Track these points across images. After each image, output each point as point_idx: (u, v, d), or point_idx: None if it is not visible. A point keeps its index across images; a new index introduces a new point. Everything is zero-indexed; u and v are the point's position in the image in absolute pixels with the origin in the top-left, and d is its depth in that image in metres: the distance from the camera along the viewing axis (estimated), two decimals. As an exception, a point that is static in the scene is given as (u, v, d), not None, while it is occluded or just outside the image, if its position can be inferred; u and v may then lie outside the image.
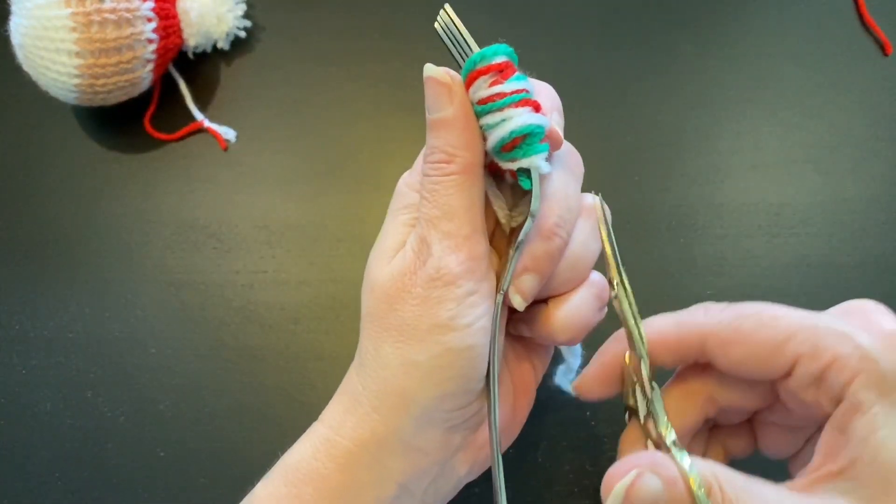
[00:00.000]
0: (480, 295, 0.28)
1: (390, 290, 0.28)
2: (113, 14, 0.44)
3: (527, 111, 0.26)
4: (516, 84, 0.27)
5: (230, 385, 0.43)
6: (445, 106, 0.28)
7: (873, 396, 0.23)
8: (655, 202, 0.46)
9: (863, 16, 0.50)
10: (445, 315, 0.27)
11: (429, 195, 0.28)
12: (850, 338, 0.23)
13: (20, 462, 0.43)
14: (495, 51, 0.27)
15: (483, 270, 0.28)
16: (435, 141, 0.28)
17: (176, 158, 0.50)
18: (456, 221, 0.27)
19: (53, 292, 0.47)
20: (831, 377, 0.23)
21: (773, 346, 0.25)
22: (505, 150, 0.27)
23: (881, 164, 0.47)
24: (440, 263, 0.27)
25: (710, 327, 0.26)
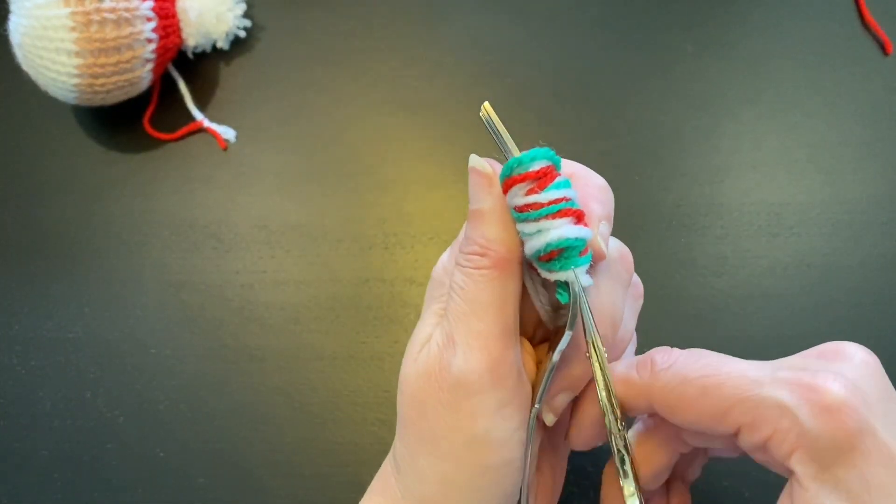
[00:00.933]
0: (514, 407, 0.26)
1: (419, 392, 0.27)
2: (112, 13, 0.44)
3: (566, 223, 0.25)
4: (555, 193, 0.25)
5: (230, 385, 0.43)
6: (484, 197, 0.27)
7: (811, 472, 0.22)
8: (655, 202, 0.46)
9: (863, 15, 0.50)
10: (480, 430, 0.26)
11: (458, 288, 0.27)
12: (789, 412, 0.23)
13: (20, 462, 0.43)
14: (533, 157, 0.25)
15: (514, 378, 0.26)
16: (471, 232, 0.27)
17: (175, 158, 0.50)
18: (486, 320, 0.26)
19: (53, 292, 0.47)
20: (772, 450, 0.23)
21: (716, 415, 0.24)
22: (542, 261, 0.26)
23: (882, 164, 0.47)
24: (466, 366, 0.26)
25: (656, 391, 0.26)
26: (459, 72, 0.51)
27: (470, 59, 0.51)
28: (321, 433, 0.42)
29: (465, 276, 0.26)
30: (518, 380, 0.27)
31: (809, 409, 0.22)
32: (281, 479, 0.41)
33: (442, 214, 0.47)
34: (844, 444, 0.22)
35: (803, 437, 0.22)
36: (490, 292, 0.26)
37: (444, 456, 0.26)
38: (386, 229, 0.47)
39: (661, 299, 0.44)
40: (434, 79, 0.51)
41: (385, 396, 0.43)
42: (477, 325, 0.26)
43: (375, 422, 0.42)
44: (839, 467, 0.22)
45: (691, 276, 0.44)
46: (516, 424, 0.26)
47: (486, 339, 0.26)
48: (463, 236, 0.28)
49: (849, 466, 0.22)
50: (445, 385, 0.26)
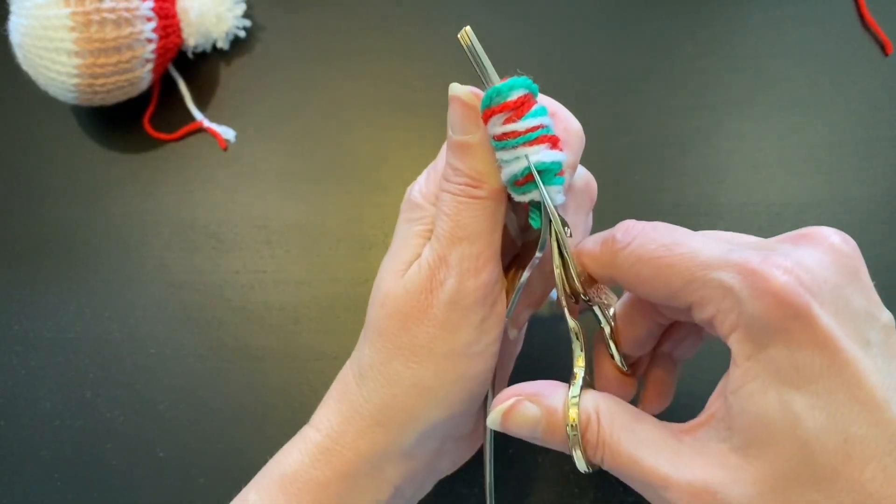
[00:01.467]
0: (492, 321, 0.28)
1: (404, 306, 0.28)
2: (112, 13, 0.44)
3: (542, 149, 0.26)
4: (532, 121, 0.26)
5: (230, 385, 0.43)
6: (472, 129, 0.27)
7: (746, 351, 0.23)
8: (656, 202, 0.46)
9: (863, 15, 0.50)
10: (462, 341, 0.28)
11: (452, 213, 0.28)
12: (731, 293, 0.23)
13: (19, 462, 0.43)
14: (511, 86, 0.26)
15: (496, 295, 0.28)
16: (459, 163, 0.28)
17: (175, 158, 0.50)
18: (478, 245, 0.27)
19: (53, 292, 0.47)
20: (716, 327, 0.24)
21: (669, 293, 0.25)
22: (518, 185, 0.27)
23: (882, 164, 0.47)
24: (461, 286, 0.27)
25: (616, 267, 0.27)
26: (459, 72, 0.51)
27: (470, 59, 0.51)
28: (321, 433, 0.42)
29: (459, 203, 0.27)
30: (498, 296, 0.29)
31: (749, 291, 0.23)
32: (281, 479, 0.41)
33: (442, 214, 0.47)
34: (778, 325, 0.22)
35: (741, 317, 0.23)
36: (484, 220, 0.27)
37: (421, 362, 0.28)
38: (386, 229, 0.47)
39: (662, 299, 0.44)
40: (434, 79, 0.51)
41: (385, 396, 0.43)
42: (470, 248, 0.27)
43: (375, 422, 0.42)
44: (772, 347, 0.23)
45: (691, 276, 0.44)
46: (493, 338, 0.28)
47: (477, 261, 0.27)
48: (445, 166, 0.28)
49: (780, 347, 0.22)
50: (437, 302, 0.27)
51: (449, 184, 0.28)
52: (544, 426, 0.26)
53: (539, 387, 0.27)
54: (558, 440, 0.26)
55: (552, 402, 0.26)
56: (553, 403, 0.26)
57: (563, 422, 0.26)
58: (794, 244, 0.25)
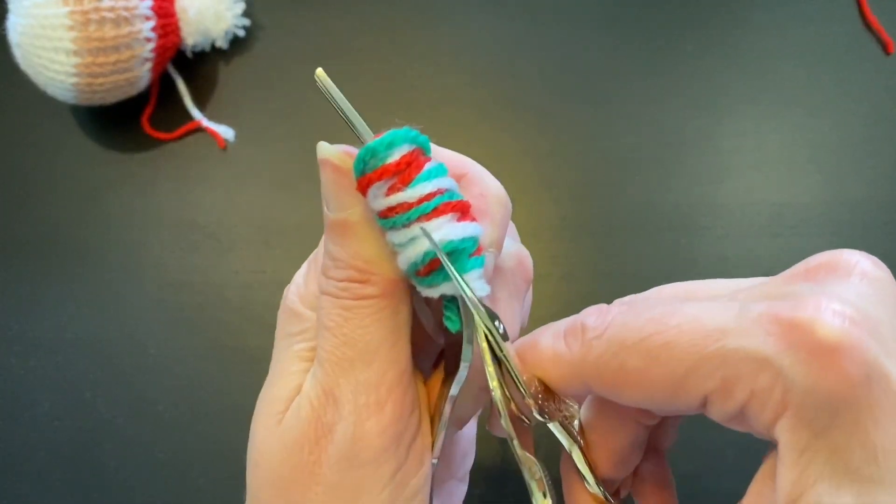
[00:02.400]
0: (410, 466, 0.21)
1: (283, 470, 0.21)
2: (111, 13, 0.43)
3: (446, 221, 0.19)
4: (425, 186, 0.19)
5: (229, 385, 0.43)
6: (350, 203, 0.21)
7: (803, 440, 0.17)
8: (656, 202, 0.46)
9: (865, 15, 0.50)
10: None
11: (335, 326, 0.20)
12: (767, 364, 0.17)
13: (18, 462, 0.42)
14: (391, 142, 0.19)
15: (412, 432, 0.21)
16: (338, 250, 0.21)
17: (174, 158, 0.50)
18: (376, 366, 0.20)
19: (52, 292, 0.47)
20: (752, 418, 0.17)
21: (671, 387, 0.18)
22: (421, 275, 0.20)
23: (883, 164, 0.46)
24: (357, 432, 0.20)
25: (589, 367, 0.19)
26: (459, 72, 0.51)
27: (470, 59, 0.51)
28: (321, 434, 0.42)
29: (343, 309, 0.20)
30: (416, 430, 0.21)
31: (794, 355, 0.16)
32: (280, 479, 0.41)
33: (442, 214, 0.47)
34: (845, 398, 0.16)
35: (790, 395, 0.16)
36: (379, 329, 0.20)
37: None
38: (386, 229, 0.46)
39: (662, 299, 0.44)
40: (434, 79, 0.50)
41: (385, 397, 0.42)
42: (365, 374, 0.20)
43: (375, 422, 0.42)
44: (837, 431, 0.16)
45: (692, 276, 0.44)
46: (413, 490, 0.21)
47: (377, 391, 0.20)
48: (323, 255, 0.21)
49: (850, 428, 0.16)
50: (325, 459, 0.20)
51: (328, 282, 0.21)
52: None
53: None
54: None
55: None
56: None
57: None
58: (818, 280, 0.18)
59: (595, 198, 0.46)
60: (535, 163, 0.47)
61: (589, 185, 0.47)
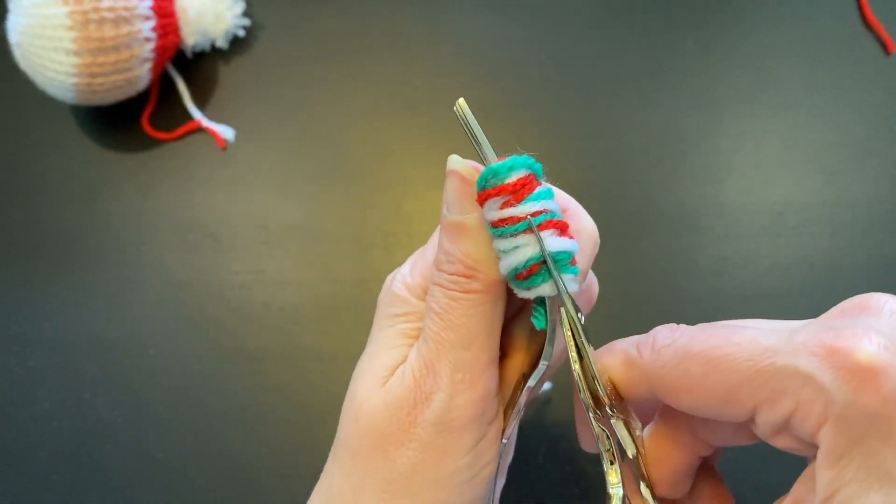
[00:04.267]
0: (488, 440, 0.24)
1: (383, 425, 0.24)
2: (111, 12, 0.43)
3: (548, 234, 0.23)
4: (533, 205, 0.23)
5: (228, 386, 0.43)
6: (470, 209, 0.24)
7: (841, 446, 0.19)
8: (657, 202, 0.46)
9: (865, 15, 0.50)
10: (450, 469, 0.23)
11: (442, 312, 0.24)
12: (812, 380, 0.19)
13: (18, 462, 0.42)
14: (511, 166, 0.23)
15: (494, 411, 0.24)
16: (453, 248, 0.24)
17: (174, 158, 0.50)
18: (473, 350, 0.23)
19: (51, 293, 0.46)
20: (796, 426, 0.20)
21: (726, 394, 0.21)
22: (520, 279, 0.23)
23: (883, 164, 0.46)
24: (452, 403, 0.23)
25: (657, 371, 0.23)
26: (459, 72, 0.51)
27: (470, 59, 0.51)
28: (321, 433, 0.42)
29: (451, 299, 0.24)
30: (496, 412, 0.25)
31: (835, 374, 0.19)
32: (281, 479, 0.41)
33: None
34: (880, 411, 0.18)
35: (831, 408, 0.19)
36: (479, 319, 0.24)
37: (397, 493, 0.23)
38: (385, 229, 0.46)
39: (662, 300, 0.44)
40: (434, 79, 0.50)
41: (385, 397, 0.42)
42: (464, 355, 0.23)
43: (375, 422, 0.42)
44: (871, 440, 0.19)
45: (692, 276, 0.44)
46: (487, 460, 0.24)
47: (472, 371, 0.23)
48: (438, 250, 0.25)
49: (883, 438, 0.18)
50: (422, 420, 0.23)
51: (440, 274, 0.24)
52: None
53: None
54: None
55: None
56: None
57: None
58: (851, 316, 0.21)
59: (595, 198, 0.46)
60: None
61: (589, 185, 0.47)
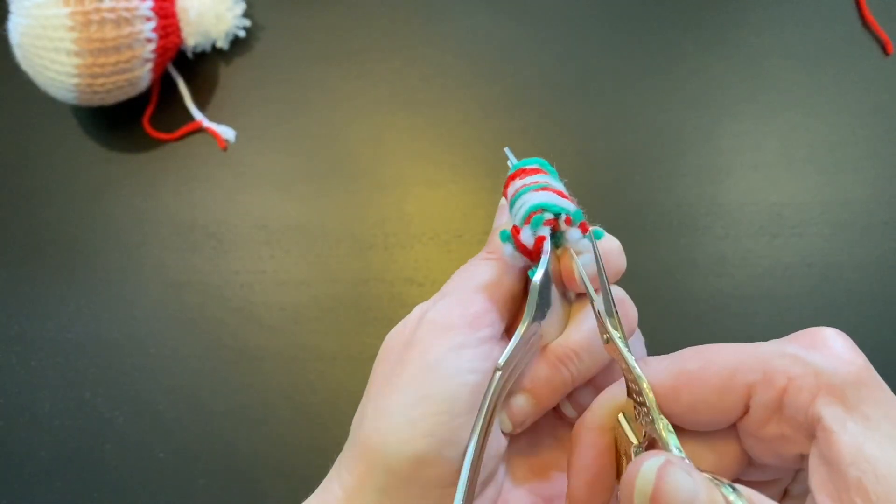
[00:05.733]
0: (475, 352, 0.25)
1: (388, 340, 0.27)
2: (112, 13, 0.44)
3: (547, 194, 0.27)
4: (538, 177, 0.28)
5: (229, 385, 0.43)
6: (503, 220, 0.30)
7: (841, 412, 0.20)
8: (656, 202, 0.46)
9: (864, 15, 0.50)
10: (431, 359, 0.25)
11: (461, 270, 0.28)
12: (800, 358, 0.21)
13: (19, 462, 0.42)
14: (525, 162, 0.30)
15: (486, 334, 0.26)
16: (488, 246, 0.29)
17: (175, 158, 0.50)
18: (475, 284, 0.27)
19: (52, 293, 0.47)
20: (790, 402, 0.21)
21: (721, 383, 0.22)
22: (528, 224, 0.27)
23: (883, 164, 0.46)
24: (444, 309, 0.26)
25: (655, 377, 0.24)
26: (459, 72, 0.51)
27: (470, 59, 0.51)
28: (321, 433, 0.42)
29: (470, 263, 0.28)
30: (490, 337, 0.26)
31: (817, 350, 0.21)
32: (281, 479, 0.41)
33: (441, 214, 0.47)
34: (862, 378, 0.21)
35: (822, 378, 0.21)
36: (487, 270, 0.27)
37: (386, 392, 0.25)
38: (386, 229, 0.46)
39: (662, 300, 0.44)
40: (434, 79, 0.50)
41: (385, 397, 0.43)
42: (466, 288, 0.27)
43: (375, 422, 0.42)
44: (865, 405, 0.20)
45: (692, 276, 0.44)
46: (472, 367, 0.25)
47: (469, 297, 0.26)
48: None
49: (874, 403, 0.20)
50: (417, 325, 0.26)
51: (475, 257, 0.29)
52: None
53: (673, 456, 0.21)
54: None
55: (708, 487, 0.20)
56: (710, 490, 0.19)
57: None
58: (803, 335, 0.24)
59: (595, 198, 0.47)
60: (535, 163, 0.48)
61: (589, 184, 0.47)
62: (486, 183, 0.47)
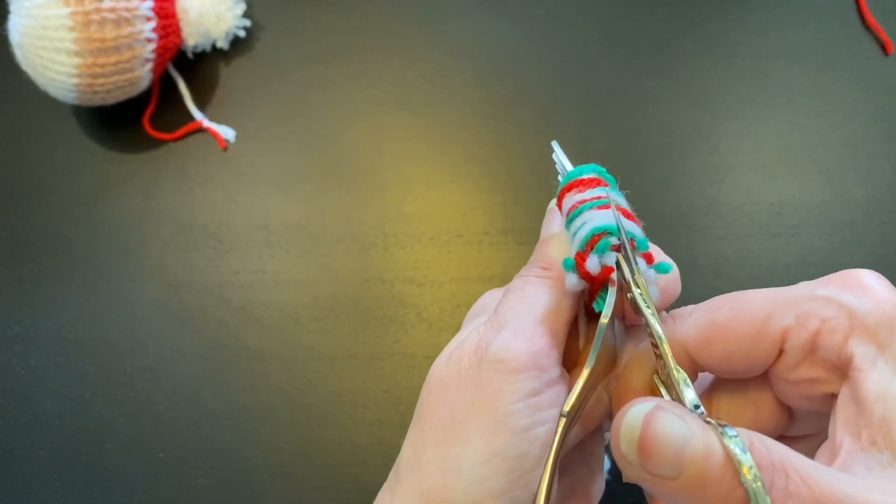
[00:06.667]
0: (545, 399, 0.24)
1: (443, 375, 0.25)
2: (112, 13, 0.44)
3: (610, 214, 0.25)
4: (599, 192, 0.26)
5: (229, 385, 0.43)
6: (551, 226, 0.28)
7: (873, 352, 0.20)
8: (656, 202, 0.46)
9: (864, 15, 0.50)
10: (502, 411, 0.23)
11: (516, 290, 0.26)
12: (832, 300, 0.21)
13: (19, 462, 0.42)
14: (581, 170, 0.27)
15: (554, 376, 0.24)
16: (537, 254, 0.27)
17: (175, 158, 0.50)
18: (537, 314, 0.25)
19: (52, 292, 0.47)
20: (823, 343, 0.21)
21: (755, 330, 0.22)
22: (587, 252, 0.25)
23: (882, 164, 0.46)
24: (509, 345, 0.24)
25: (686, 332, 0.24)
26: (459, 72, 0.51)
27: (470, 59, 0.51)
28: (321, 433, 0.42)
29: (524, 282, 0.26)
30: (557, 378, 0.24)
31: (850, 291, 0.21)
32: (281, 479, 0.41)
33: (441, 214, 0.47)
34: (895, 318, 0.21)
35: (855, 318, 0.21)
36: (546, 295, 0.25)
37: (450, 438, 0.23)
38: (386, 229, 0.46)
39: (662, 299, 0.44)
40: (434, 79, 0.50)
41: (385, 396, 0.42)
42: (528, 317, 0.24)
43: (375, 422, 0.42)
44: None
45: (692, 276, 0.44)
46: (543, 417, 0.23)
47: (533, 330, 0.24)
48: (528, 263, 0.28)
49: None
50: (478, 361, 0.24)
51: (523, 270, 0.27)
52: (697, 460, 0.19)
53: (667, 402, 0.20)
54: (715, 489, 0.19)
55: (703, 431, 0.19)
56: (705, 433, 0.19)
57: (727, 466, 0.18)
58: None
59: (595, 198, 0.47)
60: (535, 162, 0.48)
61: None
62: (486, 183, 0.47)
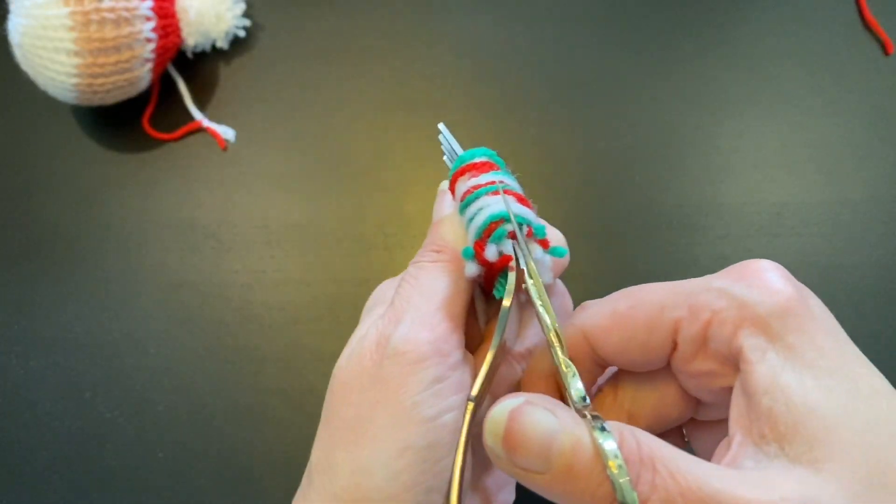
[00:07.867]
0: (450, 384, 0.24)
1: (346, 377, 0.25)
2: (111, 13, 0.44)
3: (505, 200, 0.25)
4: (492, 176, 0.26)
5: (229, 385, 0.43)
6: (442, 208, 0.29)
7: (763, 343, 0.20)
8: (656, 202, 0.46)
9: (864, 15, 0.50)
10: (407, 403, 0.23)
11: (411, 278, 0.26)
12: (724, 291, 0.21)
13: (19, 462, 0.42)
14: (473, 153, 0.27)
15: (456, 360, 0.24)
16: (430, 238, 0.27)
17: (175, 158, 0.50)
18: (434, 302, 0.25)
19: (52, 292, 0.47)
20: (714, 335, 0.21)
21: (650, 321, 0.23)
22: (486, 237, 0.25)
23: (883, 164, 0.46)
24: (409, 336, 0.23)
25: (587, 320, 0.24)
26: (459, 72, 0.51)
27: (470, 59, 0.51)
28: (321, 434, 0.42)
29: (418, 268, 0.26)
30: (460, 361, 0.24)
31: (743, 282, 0.21)
32: (281, 479, 0.41)
33: (442, 214, 0.47)
34: (788, 308, 0.20)
35: (745, 310, 0.21)
36: (442, 280, 0.25)
37: (361, 442, 0.23)
38: (386, 230, 0.46)
39: (662, 299, 0.44)
40: (434, 79, 0.50)
41: (385, 397, 0.42)
42: (425, 305, 0.24)
43: (375, 422, 0.42)
44: (789, 334, 0.20)
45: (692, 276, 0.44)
46: (449, 404, 0.23)
47: (432, 317, 0.24)
48: (421, 248, 0.28)
49: (799, 332, 0.20)
50: (380, 357, 0.24)
51: (416, 257, 0.27)
52: (565, 454, 0.19)
53: (539, 397, 0.21)
54: (583, 483, 0.19)
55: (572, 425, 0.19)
56: (574, 427, 0.19)
57: (595, 460, 0.19)
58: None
59: (595, 198, 0.47)
60: (535, 162, 0.48)
61: (589, 185, 0.47)
62: (486, 183, 0.47)
